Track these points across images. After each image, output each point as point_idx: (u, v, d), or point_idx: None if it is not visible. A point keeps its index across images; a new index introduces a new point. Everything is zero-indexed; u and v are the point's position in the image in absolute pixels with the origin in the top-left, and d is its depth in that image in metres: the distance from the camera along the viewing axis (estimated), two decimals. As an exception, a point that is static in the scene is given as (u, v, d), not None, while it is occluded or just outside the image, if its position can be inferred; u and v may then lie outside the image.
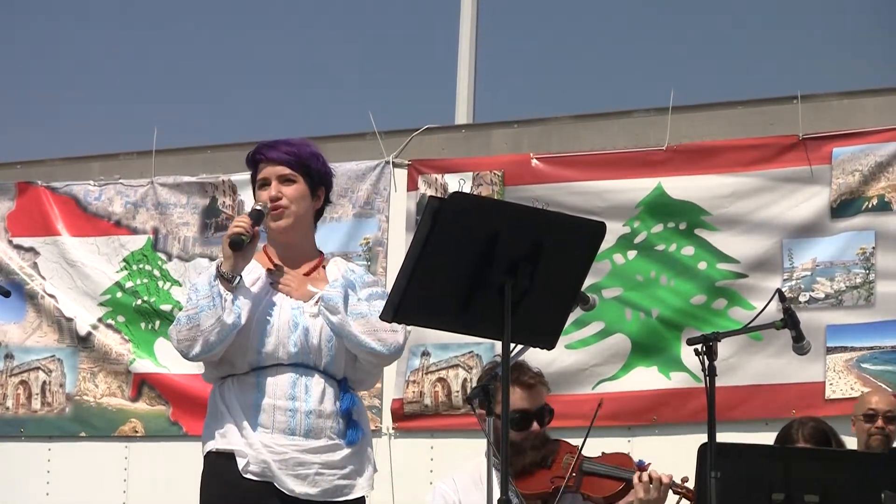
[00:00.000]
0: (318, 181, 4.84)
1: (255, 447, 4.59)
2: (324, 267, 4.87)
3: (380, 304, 4.62)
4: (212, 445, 4.67)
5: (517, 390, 5.46)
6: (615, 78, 18.64)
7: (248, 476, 4.58)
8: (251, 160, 4.85)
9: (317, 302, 4.69)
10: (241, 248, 4.60)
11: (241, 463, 4.59)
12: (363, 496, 4.73)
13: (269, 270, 4.78)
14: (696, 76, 18.66)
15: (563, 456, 5.51)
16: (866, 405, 6.98)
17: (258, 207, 4.71)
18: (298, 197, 4.78)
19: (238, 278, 4.63)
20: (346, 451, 4.67)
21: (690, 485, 5.40)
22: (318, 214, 4.92)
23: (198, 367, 4.92)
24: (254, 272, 4.75)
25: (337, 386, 4.69)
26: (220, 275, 4.60)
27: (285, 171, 4.77)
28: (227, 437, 4.63)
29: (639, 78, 17.97)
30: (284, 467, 4.59)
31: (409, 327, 4.68)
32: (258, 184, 4.82)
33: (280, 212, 4.74)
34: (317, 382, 4.66)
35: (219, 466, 4.64)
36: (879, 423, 6.87)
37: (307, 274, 4.81)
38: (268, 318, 4.67)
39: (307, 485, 4.60)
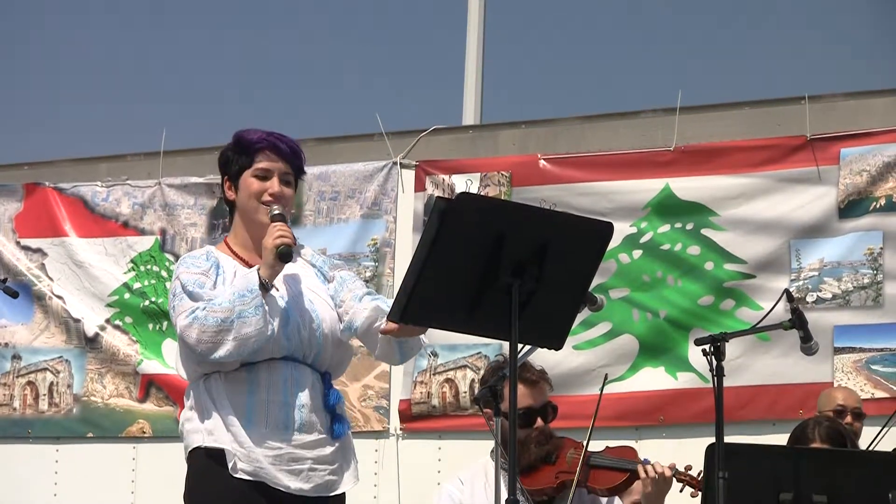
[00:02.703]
0: (297, 186, 4.83)
1: (245, 445, 4.51)
2: None
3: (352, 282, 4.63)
4: (199, 442, 4.56)
5: (521, 387, 5.46)
6: (623, 78, 18.64)
7: (239, 475, 4.53)
8: (252, 144, 4.70)
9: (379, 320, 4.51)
10: (290, 259, 4.57)
11: (230, 462, 4.53)
12: (344, 492, 4.70)
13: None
14: (703, 77, 18.65)
15: (567, 451, 5.51)
16: (834, 402, 7.00)
17: (280, 212, 4.65)
18: (291, 202, 4.76)
19: (273, 287, 4.56)
20: (335, 445, 4.64)
21: (694, 473, 5.40)
22: None
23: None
24: (228, 267, 4.67)
25: (321, 380, 4.67)
26: (261, 283, 4.50)
27: (289, 173, 4.73)
28: (215, 435, 4.53)
29: (646, 78, 17.96)
30: (278, 463, 4.53)
31: None
32: (257, 172, 4.71)
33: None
34: (306, 376, 4.63)
35: (208, 464, 4.55)
36: (848, 419, 6.87)
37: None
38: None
39: (301, 480, 4.55)
